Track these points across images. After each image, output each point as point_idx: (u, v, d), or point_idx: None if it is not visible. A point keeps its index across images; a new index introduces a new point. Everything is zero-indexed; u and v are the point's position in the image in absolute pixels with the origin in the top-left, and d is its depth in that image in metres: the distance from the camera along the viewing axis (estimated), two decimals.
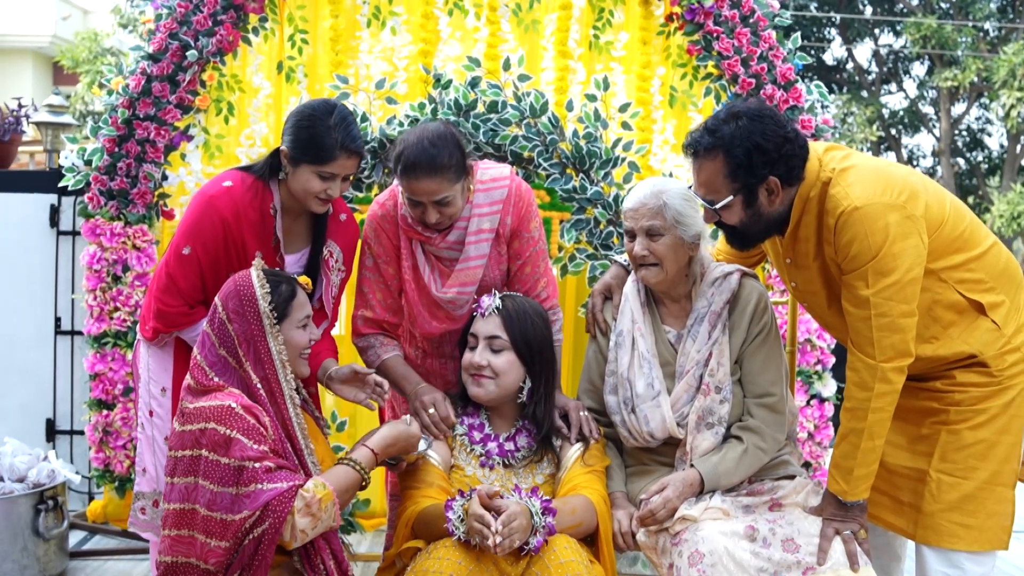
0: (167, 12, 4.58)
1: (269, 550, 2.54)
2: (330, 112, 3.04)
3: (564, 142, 4.20)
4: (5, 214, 5.11)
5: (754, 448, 2.98)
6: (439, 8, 4.89)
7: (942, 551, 2.78)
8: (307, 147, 3.02)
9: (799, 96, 4.56)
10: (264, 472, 2.55)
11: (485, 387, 3.02)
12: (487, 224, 3.19)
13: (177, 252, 3.14)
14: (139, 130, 4.58)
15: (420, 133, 3.06)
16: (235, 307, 2.75)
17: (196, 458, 2.59)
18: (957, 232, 2.78)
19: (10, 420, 5.05)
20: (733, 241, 2.95)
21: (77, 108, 16.44)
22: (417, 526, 2.87)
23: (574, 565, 2.65)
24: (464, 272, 3.20)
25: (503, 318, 3.04)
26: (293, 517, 2.54)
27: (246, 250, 3.11)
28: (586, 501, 2.90)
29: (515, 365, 3.03)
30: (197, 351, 2.78)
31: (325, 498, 2.60)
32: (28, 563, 4.05)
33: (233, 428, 2.57)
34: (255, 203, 3.14)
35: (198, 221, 3.13)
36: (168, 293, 3.16)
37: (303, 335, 2.85)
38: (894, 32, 23.04)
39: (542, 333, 3.08)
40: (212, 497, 2.55)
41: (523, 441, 3.07)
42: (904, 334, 2.68)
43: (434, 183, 3.01)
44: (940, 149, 22.25)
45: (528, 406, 3.07)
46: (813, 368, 4.66)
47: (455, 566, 2.62)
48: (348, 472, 2.74)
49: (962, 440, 2.77)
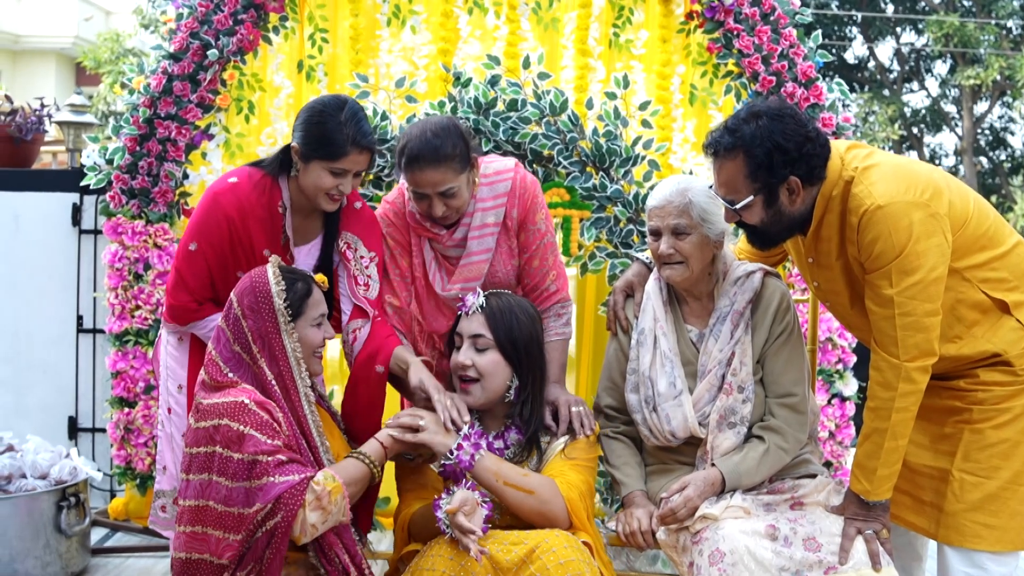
0: (188, 11, 4.60)
1: (283, 543, 2.54)
2: (341, 107, 3.02)
3: (584, 140, 4.19)
4: (28, 213, 5.15)
5: (776, 448, 2.96)
6: (459, 7, 4.91)
7: (964, 551, 2.76)
8: (319, 143, 3.01)
9: (820, 94, 4.55)
10: (275, 465, 2.56)
11: (472, 394, 2.98)
12: (491, 218, 3.17)
13: (184, 248, 3.15)
14: (160, 129, 4.60)
15: (423, 125, 3.05)
16: (250, 303, 2.76)
17: (210, 455, 2.60)
18: (981, 230, 2.76)
19: (33, 418, 5.09)
20: (754, 241, 2.94)
21: (99, 108, 16.51)
22: (412, 528, 2.88)
23: (575, 564, 2.61)
24: (467, 267, 3.18)
25: (487, 316, 3.00)
26: (304, 511, 2.54)
27: (253, 247, 3.11)
28: (549, 481, 2.86)
29: (500, 365, 2.98)
30: (212, 346, 2.79)
31: (335, 491, 2.60)
32: (50, 559, 4.07)
33: (246, 424, 2.58)
34: (262, 200, 3.13)
35: (204, 218, 3.13)
36: (177, 288, 3.16)
37: (317, 333, 2.85)
38: (916, 30, 22.94)
39: (528, 331, 3.03)
40: (227, 493, 2.56)
41: (513, 438, 3.04)
42: (928, 333, 2.66)
43: (437, 173, 3.00)
44: (962, 148, 22.14)
45: (516, 405, 3.03)
46: (834, 367, 4.64)
47: (447, 562, 2.62)
48: (357, 465, 2.74)
49: (985, 439, 2.75)
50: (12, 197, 5.17)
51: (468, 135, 3.10)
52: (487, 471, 2.81)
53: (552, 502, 2.82)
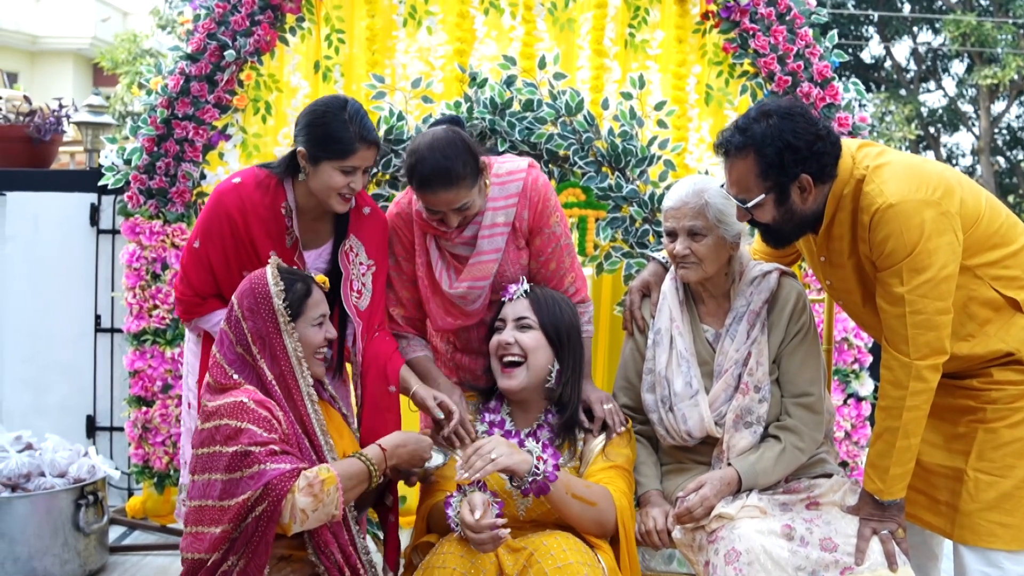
0: (205, 13, 4.62)
1: (269, 529, 2.53)
2: (343, 106, 3.02)
3: (600, 140, 4.20)
4: (46, 213, 5.18)
5: (792, 448, 2.96)
6: (475, 7, 4.92)
7: (980, 550, 2.75)
8: (326, 143, 3.00)
9: (836, 94, 4.55)
10: (267, 455, 2.55)
11: (516, 377, 3.00)
12: (501, 218, 3.16)
13: (190, 245, 3.19)
14: (178, 129, 4.63)
15: (430, 144, 3.00)
16: (249, 304, 2.77)
17: (211, 455, 2.61)
18: (993, 228, 2.75)
19: (51, 416, 5.12)
20: (767, 239, 2.94)
21: (116, 108, 16.60)
22: (431, 519, 2.90)
23: (574, 567, 2.60)
24: (477, 266, 3.18)
25: (531, 300, 3.05)
26: (294, 496, 2.53)
27: (256, 247, 3.11)
28: (605, 491, 2.87)
29: (543, 345, 3.01)
30: (216, 349, 2.80)
31: (328, 481, 2.59)
32: (69, 557, 4.10)
33: (244, 420, 2.59)
34: (265, 200, 3.13)
35: (207, 216, 3.16)
36: (182, 282, 3.20)
37: (318, 333, 2.84)
38: (933, 30, 22.86)
39: (570, 319, 3.07)
40: (222, 487, 2.56)
41: (544, 437, 3.04)
42: (939, 331, 2.65)
43: (451, 194, 2.99)
44: (980, 148, 22.05)
45: (556, 390, 3.04)
46: (850, 367, 4.64)
47: (457, 559, 2.63)
48: (355, 463, 2.73)
49: (999, 438, 2.74)
50: (31, 197, 5.20)
51: (474, 145, 3.08)
52: (561, 484, 2.79)
53: (608, 511, 2.84)
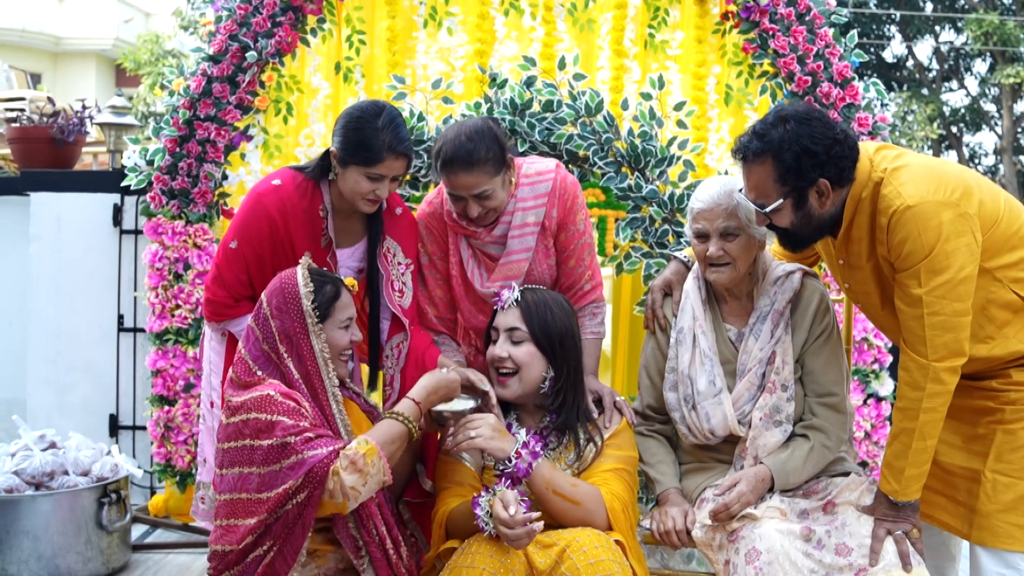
0: (227, 14, 4.65)
1: (309, 513, 2.57)
2: (378, 114, 3.05)
3: (619, 141, 4.21)
4: (69, 214, 5.22)
5: (820, 446, 2.97)
6: (495, 8, 4.92)
7: (997, 551, 2.75)
8: (356, 149, 3.04)
9: (856, 94, 4.54)
10: (303, 443, 2.59)
11: (509, 387, 3.02)
12: (531, 218, 3.20)
13: (225, 245, 3.20)
14: (200, 130, 4.66)
15: (458, 129, 3.08)
16: (278, 304, 2.80)
17: (242, 448, 2.64)
18: (1012, 230, 2.75)
19: (74, 415, 5.16)
20: (785, 243, 2.94)
21: (139, 109, 16.68)
22: (450, 526, 2.89)
23: (605, 564, 2.62)
24: (508, 266, 3.22)
25: (522, 310, 3.04)
26: (339, 476, 2.56)
27: (294, 248, 3.14)
28: (595, 492, 2.87)
29: (536, 357, 3.01)
30: (242, 345, 2.83)
31: (369, 453, 2.62)
32: (91, 555, 4.12)
33: (275, 412, 2.62)
34: (303, 202, 3.17)
35: (246, 217, 3.18)
36: (215, 283, 3.22)
37: (344, 336, 2.87)
38: (955, 29, 22.74)
39: (563, 323, 3.06)
40: (259, 480, 2.59)
41: (550, 437, 3.05)
42: (957, 333, 2.65)
43: (471, 177, 3.04)
44: (1002, 147, 21.93)
45: (550, 397, 3.05)
46: (870, 367, 4.63)
47: (487, 559, 2.64)
48: (392, 424, 2.75)
49: (1018, 440, 2.74)
50: (54, 198, 5.24)
51: (503, 137, 3.13)
52: (540, 479, 2.81)
53: (596, 513, 2.84)
